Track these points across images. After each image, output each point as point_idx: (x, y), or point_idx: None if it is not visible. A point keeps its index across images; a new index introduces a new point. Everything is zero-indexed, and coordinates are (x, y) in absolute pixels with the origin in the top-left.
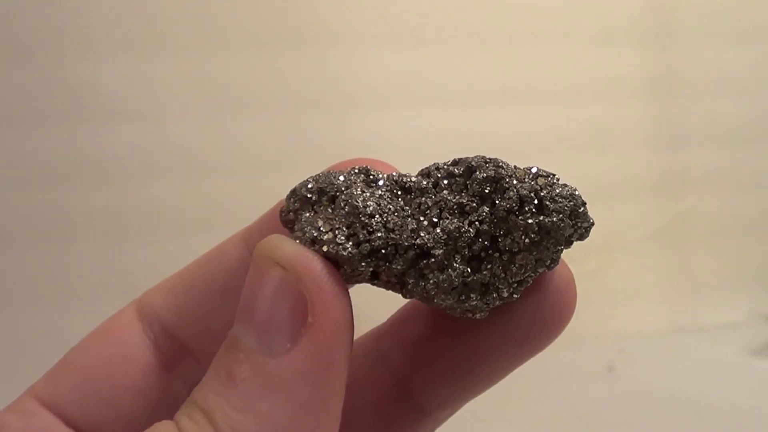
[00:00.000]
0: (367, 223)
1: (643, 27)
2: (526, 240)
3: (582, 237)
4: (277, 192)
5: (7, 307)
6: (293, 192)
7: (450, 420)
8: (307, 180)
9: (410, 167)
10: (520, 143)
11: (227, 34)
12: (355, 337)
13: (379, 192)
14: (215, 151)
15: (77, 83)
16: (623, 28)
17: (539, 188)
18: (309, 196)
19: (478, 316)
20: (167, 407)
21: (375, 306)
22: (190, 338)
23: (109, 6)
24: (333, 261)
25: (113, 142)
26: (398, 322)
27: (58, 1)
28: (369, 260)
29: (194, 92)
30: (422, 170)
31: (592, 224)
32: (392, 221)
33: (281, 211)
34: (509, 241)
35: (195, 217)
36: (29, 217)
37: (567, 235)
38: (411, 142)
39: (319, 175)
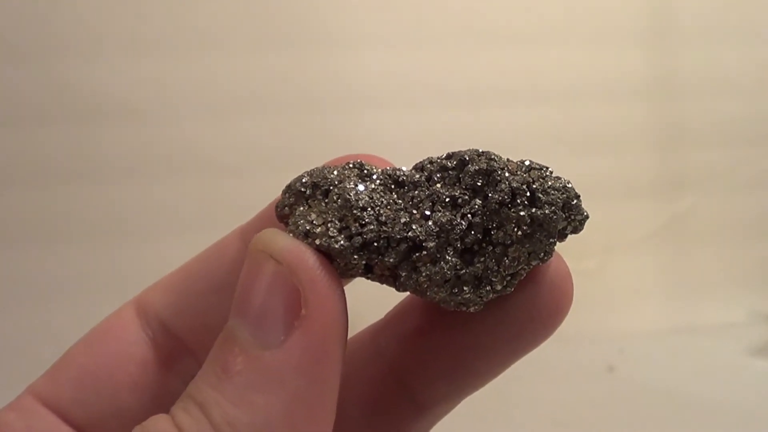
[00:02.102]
0: (359, 216)
1: (643, 27)
2: (519, 232)
3: (576, 230)
4: (278, 191)
5: (7, 307)
6: (288, 187)
7: (449, 419)
8: (302, 175)
9: (409, 165)
10: (520, 143)
11: (228, 34)
12: (352, 334)
13: (373, 186)
14: (215, 150)
15: (78, 83)
16: (623, 28)
17: (531, 180)
18: (303, 190)
19: (472, 309)
20: (166, 404)
21: (372, 303)
22: (189, 335)
23: (110, 6)
24: (326, 254)
25: (113, 142)
26: (395, 317)
27: (58, 2)
28: (361, 253)
29: (195, 92)
30: (416, 164)
31: (587, 217)
32: (384, 214)
33: (277, 206)
34: (502, 233)
35: (195, 216)
36: (29, 217)
37: (560, 227)
38: (411, 142)
39: (313, 169)
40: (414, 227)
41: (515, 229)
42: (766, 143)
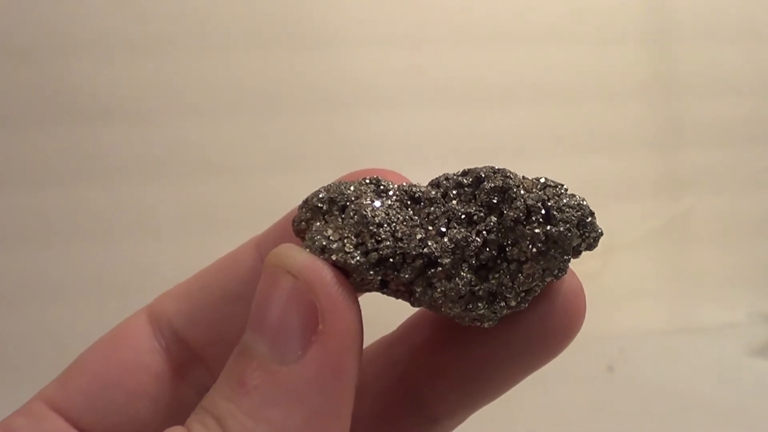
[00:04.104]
0: (375, 232)
1: (643, 27)
2: (534, 249)
3: (590, 247)
4: (280, 192)
5: (7, 307)
6: (305, 202)
7: None
8: (319, 190)
9: (412, 167)
10: (520, 143)
11: (230, 34)
12: (365, 345)
13: (389, 202)
14: (217, 151)
15: (77, 83)
16: (623, 28)
17: (546, 198)
18: (320, 205)
19: (486, 324)
20: (177, 414)
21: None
22: (201, 345)
23: (110, 6)
24: (342, 270)
25: (114, 142)
26: (408, 330)
27: (58, 1)
28: (377, 269)
29: (196, 93)
30: (432, 180)
31: (601, 234)
32: (400, 230)
33: (293, 221)
34: (517, 250)
35: (196, 218)
36: (29, 217)
37: (574, 244)
38: (413, 142)
39: (330, 185)
40: (429, 243)
41: (530, 246)
42: (766, 143)
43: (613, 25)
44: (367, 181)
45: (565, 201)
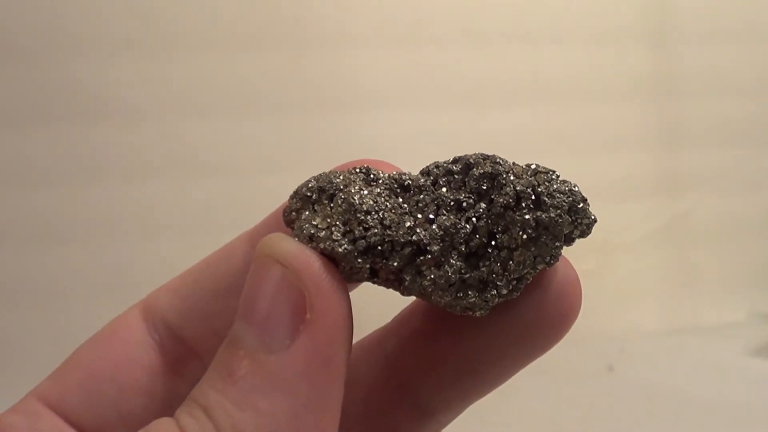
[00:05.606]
0: (363, 219)
1: (643, 27)
2: (524, 236)
3: (584, 234)
4: (278, 192)
5: (7, 307)
6: (295, 192)
7: None
8: (309, 180)
9: (411, 166)
10: (520, 143)
11: (230, 34)
12: (358, 338)
13: (378, 190)
14: (216, 151)
15: (78, 83)
16: (623, 28)
17: (537, 184)
18: (309, 195)
19: (478, 313)
20: (173, 408)
21: (379, 307)
22: (196, 339)
23: (111, 6)
24: (330, 258)
25: (113, 142)
26: (401, 322)
27: (57, 1)
28: (365, 257)
29: (196, 92)
30: (422, 169)
31: (594, 221)
32: (389, 218)
33: (284, 211)
34: (507, 237)
35: (195, 217)
36: (29, 217)
37: (567, 231)
38: (412, 142)
39: (320, 174)
40: (418, 231)
41: (520, 233)
42: (766, 143)
43: (613, 25)
44: (357, 170)
45: (555, 186)
